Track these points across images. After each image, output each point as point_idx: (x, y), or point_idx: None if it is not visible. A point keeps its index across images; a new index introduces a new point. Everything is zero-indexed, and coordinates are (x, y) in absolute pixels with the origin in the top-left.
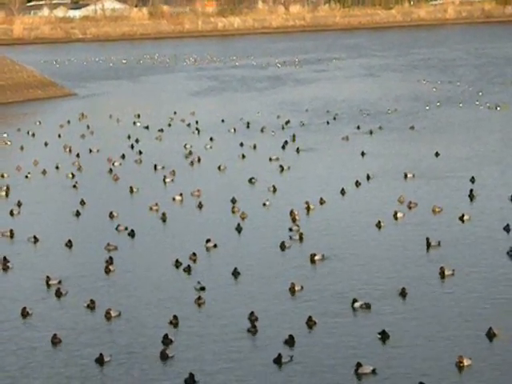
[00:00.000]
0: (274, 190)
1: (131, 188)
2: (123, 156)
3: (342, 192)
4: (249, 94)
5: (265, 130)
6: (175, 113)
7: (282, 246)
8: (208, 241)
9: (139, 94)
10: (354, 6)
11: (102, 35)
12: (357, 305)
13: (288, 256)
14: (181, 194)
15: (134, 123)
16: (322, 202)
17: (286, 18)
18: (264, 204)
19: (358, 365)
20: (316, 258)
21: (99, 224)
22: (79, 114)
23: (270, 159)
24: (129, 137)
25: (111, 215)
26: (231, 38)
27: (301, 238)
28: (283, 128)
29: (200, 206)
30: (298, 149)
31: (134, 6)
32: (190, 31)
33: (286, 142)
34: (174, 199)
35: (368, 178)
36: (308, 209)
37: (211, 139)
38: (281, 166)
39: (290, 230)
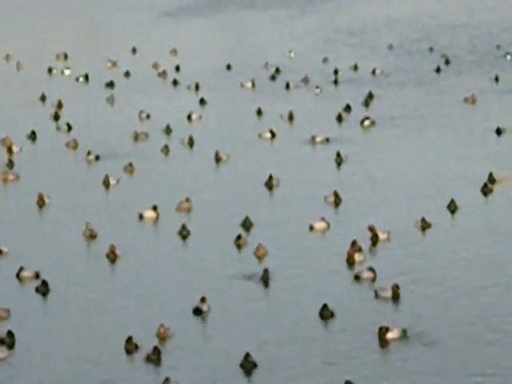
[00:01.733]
0: (337, 201)
1: (41, 197)
2: (32, 135)
3: (452, 207)
4: (275, 15)
5: (304, 84)
6: (135, 51)
7: (325, 313)
8: (202, 301)
9: (64, 15)
10: None
11: None
12: None
13: (336, 328)
14: (155, 208)
15: (50, 70)
16: (424, 225)
17: None
18: (311, 228)
19: None
20: (390, 335)
21: None
22: None
23: (314, 140)
24: (43, 98)
25: None
26: None
27: (396, 296)
28: (337, 81)
29: (183, 232)
30: (366, 121)
31: None
32: None
33: (346, 108)
34: (141, 217)
35: (498, 179)
36: (375, 238)
37: (202, 101)
38: (337, 156)
39: (357, 278)
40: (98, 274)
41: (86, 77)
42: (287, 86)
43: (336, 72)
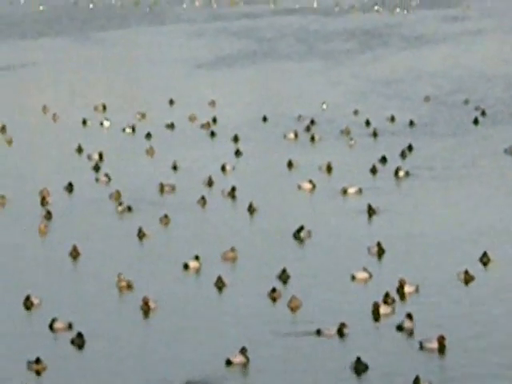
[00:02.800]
0: (380, 252)
1: (75, 248)
2: (69, 187)
3: (485, 259)
4: (311, 65)
5: (340, 135)
6: (172, 102)
7: (358, 366)
8: (242, 351)
9: (100, 67)
10: None
11: None
12: None
13: (373, 379)
14: (197, 258)
15: (85, 122)
16: (466, 277)
17: None
18: (353, 278)
19: None
20: None
21: (10, 319)
22: None
23: (345, 192)
24: (80, 149)
25: (28, 303)
26: None
27: (442, 347)
28: (376, 134)
29: (219, 283)
30: (400, 172)
31: None
32: None
33: (382, 160)
34: (186, 267)
35: None
36: (401, 291)
37: (238, 153)
38: (369, 208)
39: (400, 328)
40: (132, 325)
41: (133, 129)
42: (312, 139)
43: (369, 123)
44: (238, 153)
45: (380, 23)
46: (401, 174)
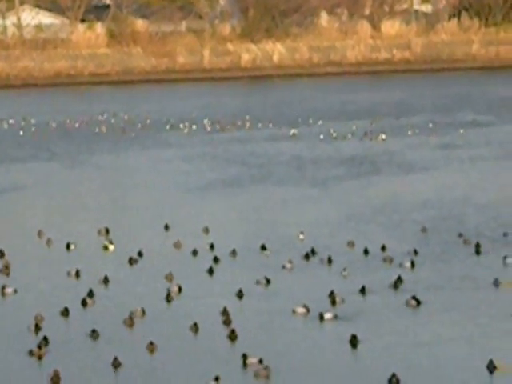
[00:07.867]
0: None
1: None
2: (65, 312)
3: None
4: (302, 192)
5: (334, 264)
6: (167, 228)
7: None
8: None
9: (92, 191)
10: (507, 24)
11: (16, 76)
12: None
13: None
14: None
15: (68, 246)
16: None
17: (374, 44)
18: None
19: None
20: None
21: None
22: None
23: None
24: (77, 274)
25: None
26: (268, 82)
27: None
28: (390, 260)
29: None
30: (409, 300)
31: (78, 19)
32: (189, 69)
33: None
34: None
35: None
36: None
37: (241, 295)
38: (352, 338)
39: None
40: None
41: (140, 254)
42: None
43: (367, 252)
44: (241, 296)
45: (372, 151)
46: (411, 302)
